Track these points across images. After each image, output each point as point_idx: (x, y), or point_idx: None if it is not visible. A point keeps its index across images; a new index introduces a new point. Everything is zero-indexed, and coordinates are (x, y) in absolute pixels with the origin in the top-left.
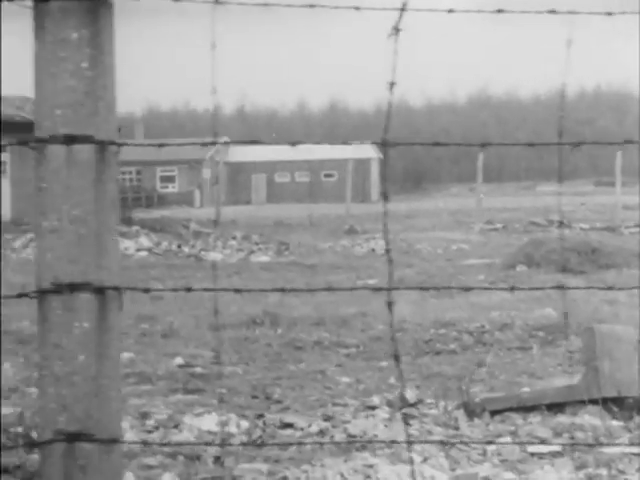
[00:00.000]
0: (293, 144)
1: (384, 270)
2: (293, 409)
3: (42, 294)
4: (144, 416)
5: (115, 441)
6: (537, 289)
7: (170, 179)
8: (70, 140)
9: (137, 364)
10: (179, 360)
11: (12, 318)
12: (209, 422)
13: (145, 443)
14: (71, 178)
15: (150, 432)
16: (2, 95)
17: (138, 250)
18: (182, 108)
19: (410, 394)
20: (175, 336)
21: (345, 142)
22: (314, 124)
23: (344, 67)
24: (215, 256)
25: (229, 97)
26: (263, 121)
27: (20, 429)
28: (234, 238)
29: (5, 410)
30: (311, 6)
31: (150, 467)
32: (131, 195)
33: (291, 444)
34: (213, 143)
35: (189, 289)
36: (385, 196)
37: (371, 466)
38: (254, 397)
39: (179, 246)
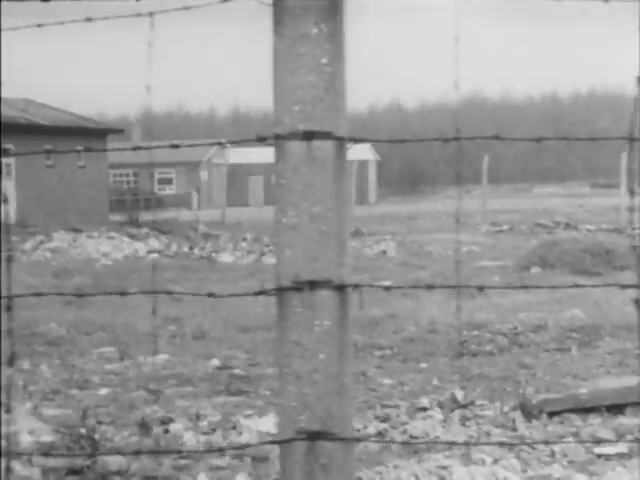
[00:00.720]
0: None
1: (397, 271)
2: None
3: (281, 292)
4: (197, 417)
5: (357, 440)
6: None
7: (168, 181)
8: (309, 136)
9: (174, 366)
10: (215, 362)
11: (39, 320)
12: (266, 423)
13: (387, 442)
14: (311, 175)
15: (208, 433)
16: (5, 97)
17: (149, 252)
18: (176, 111)
19: (461, 395)
20: (206, 338)
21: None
22: None
23: None
24: (226, 258)
25: (222, 100)
26: (257, 123)
27: (83, 430)
28: (244, 240)
29: (52, 412)
30: None
31: (219, 468)
32: (129, 197)
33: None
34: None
35: (430, 286)
36: (632, 192)
37: (445, 467)
38: None
39: (191, 248)
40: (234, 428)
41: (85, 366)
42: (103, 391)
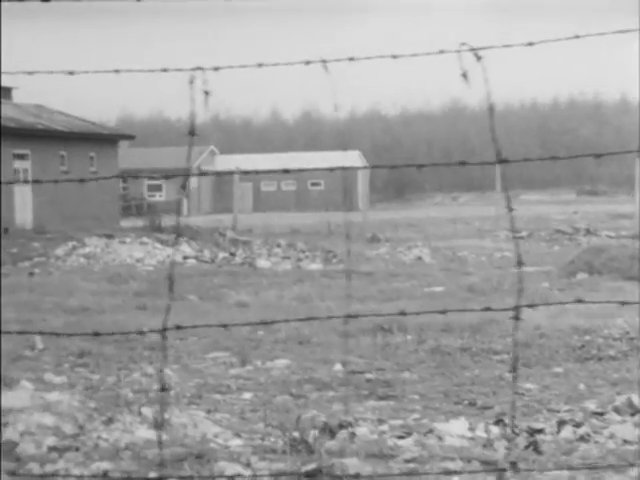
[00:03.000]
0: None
1: (442, 277)
2: (509, 415)
3: None
4: (379, 422)
5: None
6: None
7: (157, 187)
8: None
9: (303, 370)
10: (338, 367)
11: (127, 325)
12: (459, 427)
13: None
14: None
15: (402, 437)
16: (17, 103)
17: (185, 258)
18: (157, 117)
19: (637, 400)
20: (311, 343)
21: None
22: (292, 132)
23: (316, 75)
24: (263, 264)
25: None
26: (239, 129)
27: (296, 433)
28: (279, 246)
29: (215, 416)
30: None
31: (455, 472)
32: (122, 203)
33: None
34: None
35: None
36: None
37: None
38: (457, 403)
39: (231, 254)
40: (431, 432)
41: (208, 371)
42: (246, 395)
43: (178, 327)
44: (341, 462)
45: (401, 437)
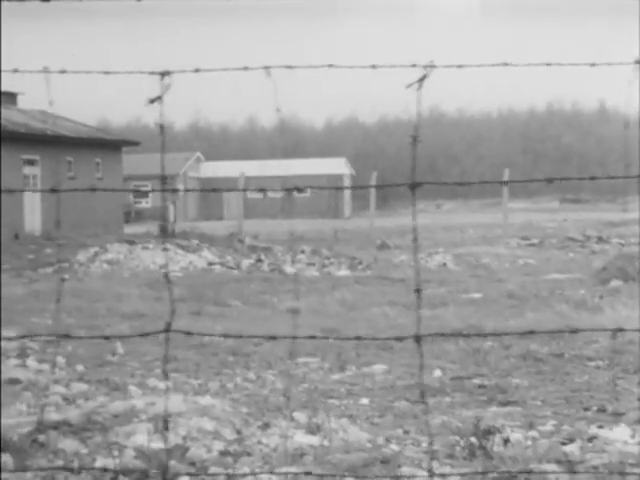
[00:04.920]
0: None
1: (474, 284)
2: None
3: None
4: (530, 426)
5: None
6: None
7: (143, 194)
8: None
9: (408, 376)
10: (438, 372)
11: (199, 330)
12: (621, 434)
13: None
14: None
15: (565, 444)
16: (23, 108)
17: (210, 264)
18: (135, 124)
19: None
20: (393, 349)
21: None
22: (272, 139)
23: (292, 83)
24: (289, 270)
25: (181, 113)
26: (217, 136)
27: (475, 438)
28: (303, 252)
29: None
30: None
31: None
32: None
33: None
34: None
35: None
36: None
37: None
38: (585, 409)
39: (259, 260)
40: (595, 438)
41: (309, 376)
42: (364, 400)
43: (358, 338)
44: (539, 467)
45: (563, 443)
